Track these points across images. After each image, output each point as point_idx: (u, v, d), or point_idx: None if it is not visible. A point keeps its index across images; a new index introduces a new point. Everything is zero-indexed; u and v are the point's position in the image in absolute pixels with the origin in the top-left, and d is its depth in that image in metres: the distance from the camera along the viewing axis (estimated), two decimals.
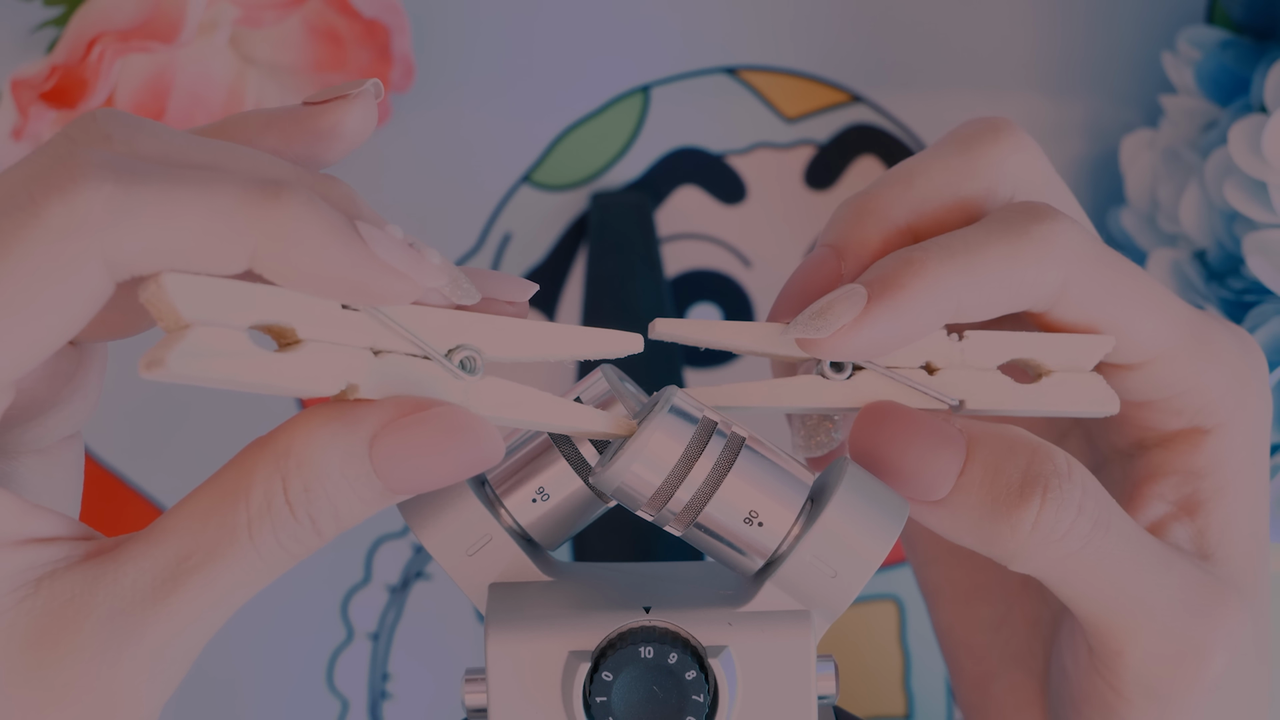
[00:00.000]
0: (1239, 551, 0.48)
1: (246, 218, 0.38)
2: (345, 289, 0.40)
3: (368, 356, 0.41)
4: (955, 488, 0.44)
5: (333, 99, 0.43)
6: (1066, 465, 0.44)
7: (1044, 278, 0.45)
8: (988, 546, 0.45)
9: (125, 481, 0.65)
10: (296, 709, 0.66)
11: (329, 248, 0.39)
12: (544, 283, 0.65)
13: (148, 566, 0.40)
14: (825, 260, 0.46)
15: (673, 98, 0.65)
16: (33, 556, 0.40)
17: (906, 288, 0.44)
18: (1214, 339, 0.47)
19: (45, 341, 0.38)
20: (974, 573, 0.53)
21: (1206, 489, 0.48)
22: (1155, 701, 0.46)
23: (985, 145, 0.47)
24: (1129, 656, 0.46)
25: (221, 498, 0.40)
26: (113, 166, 0.38)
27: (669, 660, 0.42)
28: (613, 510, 0.48)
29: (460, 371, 0.41)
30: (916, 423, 0.44)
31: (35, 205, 0.38)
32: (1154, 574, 0.45)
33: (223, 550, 0.40)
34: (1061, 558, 0.44)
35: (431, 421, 0.41)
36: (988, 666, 0.52)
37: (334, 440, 0.40)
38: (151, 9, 0.58)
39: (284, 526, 0.40)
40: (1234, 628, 0.46)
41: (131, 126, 0.40)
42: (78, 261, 0.38)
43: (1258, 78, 0.58)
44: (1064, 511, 0.44)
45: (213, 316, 0.39)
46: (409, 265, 0.40)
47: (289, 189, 0.39)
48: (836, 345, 0.44)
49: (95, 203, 0.38)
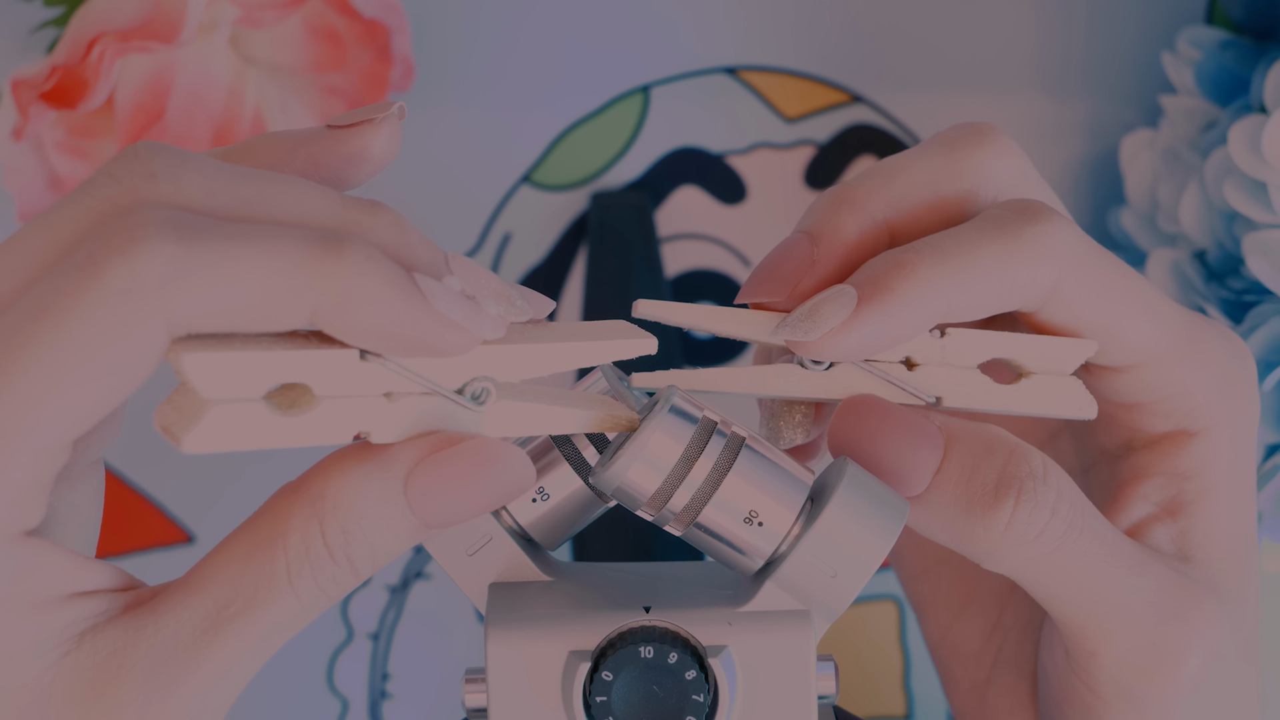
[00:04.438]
0: (1221, 554, 0.48)
1: (308, 275, 0.38)
2: (403, 344, 0.40)
3: (381, 403, 0.41)
4: (931, 484, 0.44)
5: (359, 123, 0.43)
6: (1042, 467, 0.45)
7: (1036, 279, 0.45)
8: (961, 544, 0.45)
9: (126, 481, 0.65)
10: (296, 709, 0.66)
11: (389, 304, 0.39)
12: (544, 283, 0.65)
13: (187, 616, 0.40)
14: (798, 245, 0.46)
15: (673, 97, 0.65)
16: (76, 612, 0.40)
17: (896, 290, 0.44)
18: (1203, 342, 0.47)
19: (105, 402, 0.39)
20: (962, 583, 0.53)
21: (1190, 491, 0.48)
22: (1131, 703, 0.46)
23: (969, 148, 0.47)
24: (1102, 657, 0.46)
25: (258, 544, 0.40)
26: (174, 224, 0.38)
27: (669, 660, 0.42)
28: (613, 510, 0.48)
29: (470, 404, 0.42)
30: (896, 417, 0.44)
31: (96, 266, 0.38)
32: (1128, 576, 0.45)
33: (262, 597, 0.40)
34: (1034, 559, 0.45)
35: (464, 454, 0.41)
36: (982, 673, 0.52)
37: (369, 481, 0.40)
38: (151, 9, 0.58)
39: (323, 570, 0.40)
40: (1209, 630, 0.46)
41: (176, 163, 0.40)
42: (138, 322, 0.38)
43: (1257, 78, 0.58)
44: (1037, 514, 0.44)
45: (231, 394, 0.39)
46: (467, 319, 0.40)
47: (349, 244, 0.39)
48: (825, 347, 0.44)
49: (156, 263, 0.38)
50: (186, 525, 0.65)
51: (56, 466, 0.39)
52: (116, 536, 0.65)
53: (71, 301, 0.38)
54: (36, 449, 0.38)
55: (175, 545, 0.65)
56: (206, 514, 0.65)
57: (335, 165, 0.43)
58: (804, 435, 0.47)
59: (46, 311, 0.38)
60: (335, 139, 0.43)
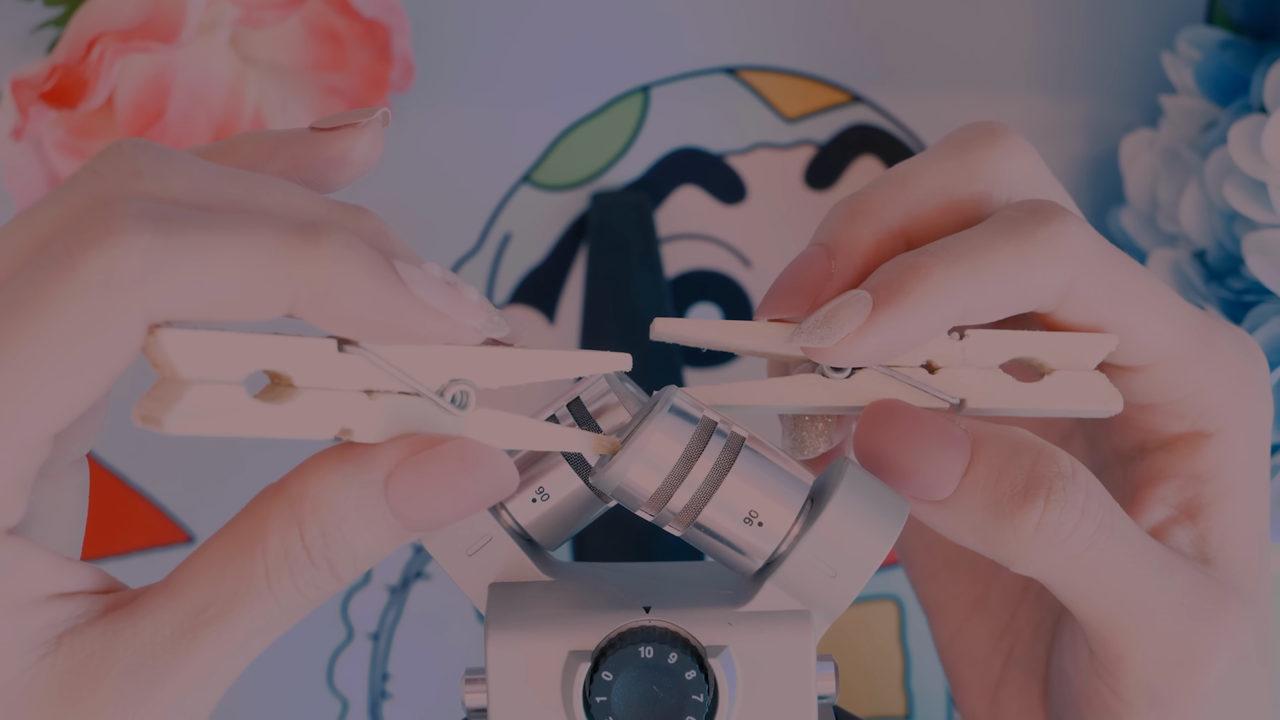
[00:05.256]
0: (1240, 555, 0.48)
1: (286, 265, 0.38)
2: (384, 331, 0.40)
3: (362, 399, 0.41)
4: (959, 488, 0.44)
5: (342, 126, 0.43)
6: (1071, 468, 0.44)
7: (1051, 280, 0.45)
8: (990, 548, 0.45)
9: (125, 480, 0.65)
10: (296, 709, 0.66)
11: (369, 291, 0.39)
12: (544, 283, 0.65)
13: (166, 619, 0.40)
14: (815, 258, 0.46)
15: (673, 98, 0.65)
16: (55, 613, 0.40)
17: (911, 294, 0.44)
18: (1217, 342, 0.47)
19: (84, 395, 0.38)
20: (973, 585, 0.53)
21: (1208, 493, 0.48)
22: (1156, 705, 0.46)
23: (981, 149, 0.47)
24: (1130, 660, 0.46)
25: (237, 547, 0.40)
26: (150, 216, 0.38)
27: (669, 660, 0.42)
28: (613, 510, 0.48)
29: (451, 407, 0.41)
30: (922, 421, 0.44)
31: (72, 258, 0.37)
32: (1157, 578, 0.45)
33: (240, 600, 0.40)
34: (1064, 560, 0.44)
35: (445, 456, 0.41)
36: (992, 676, 0.52)
37: (348, 482, 0.40)
38: (151, 9, 0.58)
39: (302, 573, 0.40)
40: (1236, 632, 0.46)
41: (161, 160, 0.40)
42: (116, 314, 0.38)
43: (1257, 78, 0.58)
44: (1067, 514, 0.44)
45: (210, 374, 0.39)
46: (448, 305, 0.40)
47: (327, 232, 0.39)
48: (841, 353, 0.44)
49: (133, 255, 0.37)
50: (186, 525, 0.65)
51: (37, 462, 0.39)
52: (116, 536, 0.65)
53: (48, 294, 0.37)
54: (15, 444, 0.38)
55: (174, 545, 0.65)
56: (206, 514, 0.65)
57: (316, 167, 0.42)
58: (827, 443, 0.47)
59: (23, 305, 0.38)
60: (317, 141, 0.42)
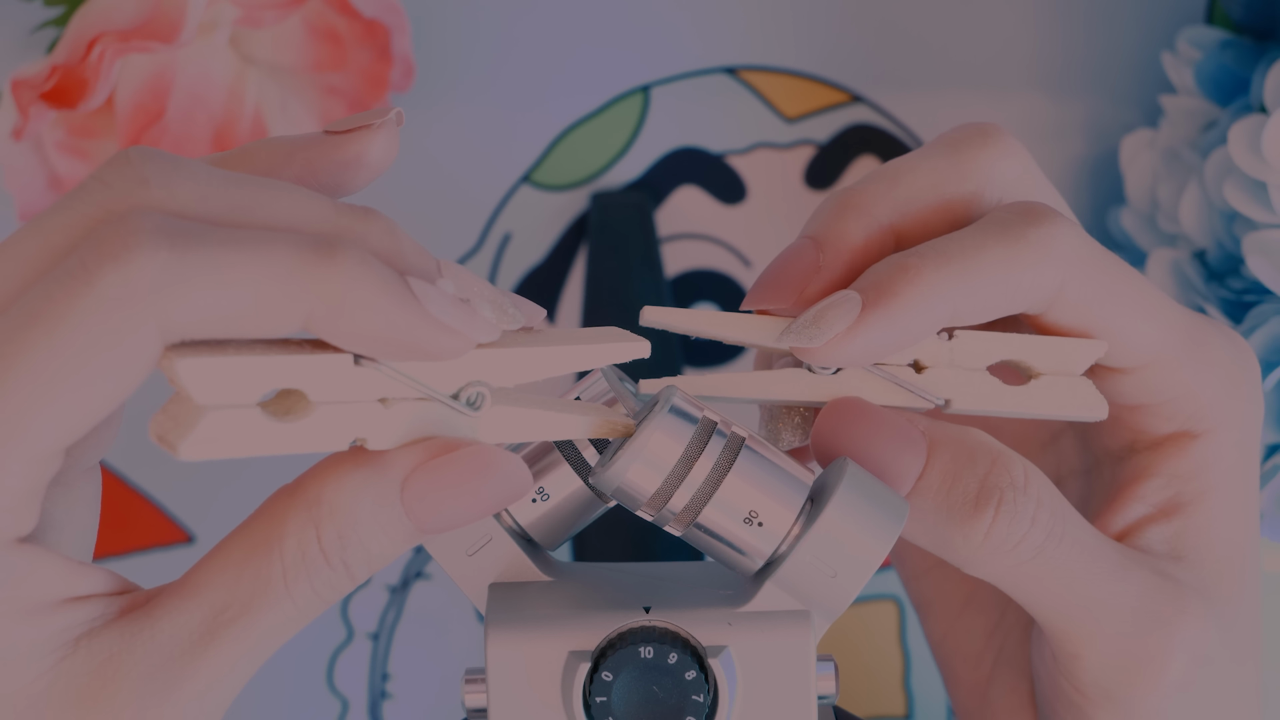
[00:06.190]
0: (1216, 555, 0.48)
1: (302, 281, 0.38)
2: (398, 349, 0.40)
3: (375, 408, 0.41)
4: (913, 490, 0.45)
5: (357, 128, 0.43)
6: (1024, 477, 0.45)
7: (1041, 282, 0.45)
8: (941, 550, 0.45)
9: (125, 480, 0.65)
10: (296, 709, 0.66)
11: (383, 308, 0.39)
12: (544, 283, 0.65)
13: (183, 621, 0.40)
14: (804, 251, 0.46)
15: (673, 97, 0.65)
16: (72, 616, 0.40)
17: (900, 295, 0.44)
18: (1208, 344, 0.47)
19: (97, 409, 0.38)
20: (963, 583, 0.53)
21: (1189, 492, 0.48)
22: (1115, 704, 0.47)
23: (974, 149, 0.47)
24: (1085, 660, 0.46)
25: (254, 549, 0.40)
26: (166, 231, 0.38)
27: (669, 660, 0.42)
28: (613, 510, 0.48)
29: (466, 409, 0.42)
30: (880, 421, 0.44)
31: (88, 273, 0.38)
32: (1109, 582, 0.46)
33: (258, 601, 0.40)
34: (1013, 567, 0.45)
35: (461, 461, 0.41)
36: (983, 673, 0.52)
37: (365, 486, 0.40)
38: (151, 9, 0.58)
39: (319, 574, 0.40)
40: (1193, 634, 0.46)
41: (168, 169, 0.40)
42: (131, 329, 0.38)
43: (1257, 78, 0.58)
44: (1016, 524, 0.44)
45: (226, 399, 0.39)
46: (462, 322, 0.40)
47: (342, 249, 0.39)
48: (830, 353, 0.44)
49: (149, 270, 0.38)
50: (186, 525, 0.65)
51: (49, 473, 0.39)
52: (117, 537, 0.65)
53: (64, 308, 0.38)
54: (29, 456, 0.38)
55: (175, 545, 0.65)
56: (206, 514, 0.65)
57: (332, 171, 0.43)
58: (802, 438, 0.47)
59: (39, 318, 0.38)
60: (332, 144, 0.43)
